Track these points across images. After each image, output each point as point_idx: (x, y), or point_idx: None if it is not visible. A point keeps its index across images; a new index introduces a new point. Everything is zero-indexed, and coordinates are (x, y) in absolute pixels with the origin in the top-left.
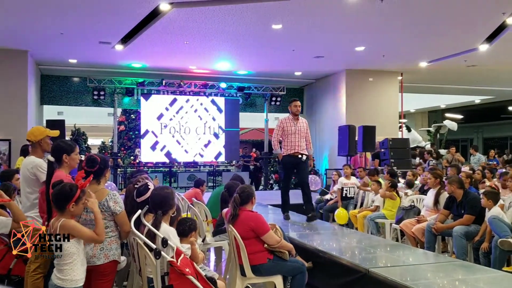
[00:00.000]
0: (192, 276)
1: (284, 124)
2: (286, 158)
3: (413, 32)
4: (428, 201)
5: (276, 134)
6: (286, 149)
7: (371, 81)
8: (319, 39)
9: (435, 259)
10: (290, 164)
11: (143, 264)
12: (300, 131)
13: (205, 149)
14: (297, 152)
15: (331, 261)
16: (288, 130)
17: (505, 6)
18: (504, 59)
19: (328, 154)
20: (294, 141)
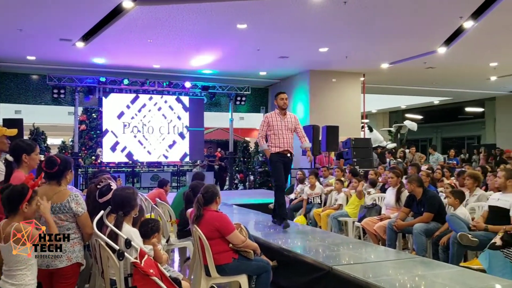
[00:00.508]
0: (156, 277)
1: (270, 119)
2: (275, 156)
3: (375, 34)
4: (389, 200)
5: (261, 130)
6: (273, 146)
7: (335, 82)
8: (283, 39)
9: (396, 256)
10: (279, 161)
11: (106, 265)
12: (287, 127)
13: (170, 150)
14: (286, 150)
15: (295, 259)
16: (275, 126)
17: (462, 11)
18: (461, 62)
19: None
20: (282, 137)
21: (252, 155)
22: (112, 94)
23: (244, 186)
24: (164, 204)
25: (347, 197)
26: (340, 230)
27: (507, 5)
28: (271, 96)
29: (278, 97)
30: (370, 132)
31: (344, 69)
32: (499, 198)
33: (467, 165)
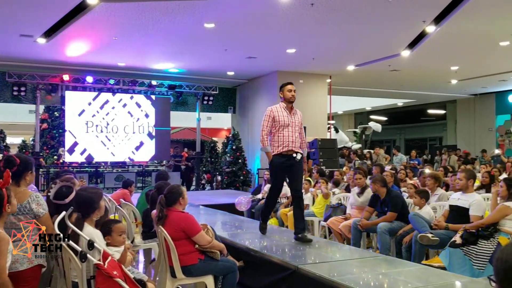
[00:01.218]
0: (120, 278)
1: (276, 113)
2: (277, 158)
3: (341, 36)
4: (354, 199)
5: (265, 126)
6: (276, 146)
7: (302, 83)
8: (251, 40)
9: (360, 255)
10: (282, 166)
11: (68, 268)
12: (294, 124)
13: (137, 152)
14: (291, 150)
15: (262, 259)
16: (280, 121)
17: (425, 15)
18: (424, 65)
19: (260, 154)
20: (288, 136)
21: (219, 155)
22: (75, 92)
23: (211, 186)
24: (129, 205)
25: (313, 197)
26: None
27: (467, 11)
28: (239, 96)
29: (285, 88)
30: (336, 133)
31: (311, 70)
32: (459, 197)
33: (429, 165)
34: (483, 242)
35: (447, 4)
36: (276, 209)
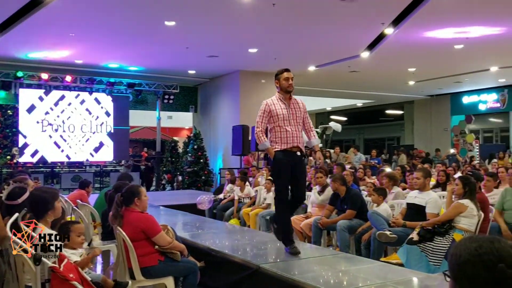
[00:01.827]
0: (77, 281)
1: (271, 106)
2: (280, 154)
3: (302, 37)
4: (314, 198)
5: (259, 122)
6: (276, 142)
7: (264, 83)
8: (213, 38)
9: (321, 253)
10: (287, 163)
11: (21, 271)
12: (295, 116)
13: (96, 154)
14: (295, 147)
15: (223, 259)
16: (278, 115)
17: (384, 17)
18: (383, 66)
19: (222, 154)
20: (290, 131)
21: (180, 155)
22: (29, 89)
23: (172, 186)
24: (86, 206)
25: None
26: (268, 229)
27: (424, 14)
28: (200, 95)
29: (281, 76)
30: None
31: (273, 70)
32: (416, 196)
33: (387, 164)
34: (439, 238)
35: (405, 7)
36: (239, 208)
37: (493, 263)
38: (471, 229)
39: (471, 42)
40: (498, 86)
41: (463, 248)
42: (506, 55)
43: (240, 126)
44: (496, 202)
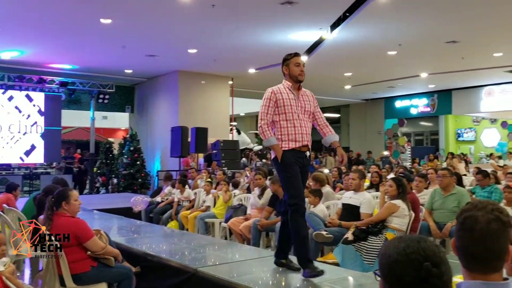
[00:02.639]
0: None
1: (278, 94)
2: (289, 154)
3: (241, 39)
4: (254, 200)
5: (265, 113)
6: (285, 140)
7: (204, 84)
8: (151, 37)
9: (260, 254)
10: (296, 163)
11: None
12: (304, 109)
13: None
14: (305, 146)
15: (160, 263)
16: (286, 107)
17: (322, 22)
18: (320, 71)
19: (160, 155)
20: (299, 125)
21: (116, 156)
22: None
23: (107, 190)
24: (14, 210)
25: (215, 199)
26: (206, 232)
27: (360, 20)
28: (137, 95)
29: (291, 62)
30: (239, 135)
31: (213, 71)
32: (351, 196)
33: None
34: (372, 238)
35: (342, 13)
36: (177, 211)
37: (420, 262)
38: (403, 228)
39: (404, 49)
40: (428, 92)
41: (392, 248)
42: (436, 62)
43: (179, 127)
44: (426, 202)
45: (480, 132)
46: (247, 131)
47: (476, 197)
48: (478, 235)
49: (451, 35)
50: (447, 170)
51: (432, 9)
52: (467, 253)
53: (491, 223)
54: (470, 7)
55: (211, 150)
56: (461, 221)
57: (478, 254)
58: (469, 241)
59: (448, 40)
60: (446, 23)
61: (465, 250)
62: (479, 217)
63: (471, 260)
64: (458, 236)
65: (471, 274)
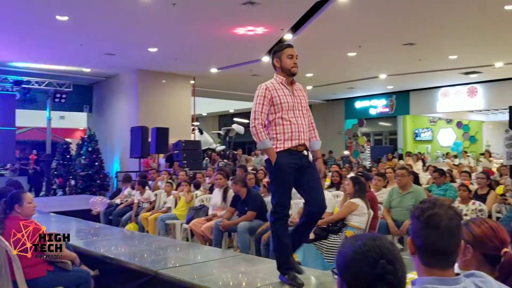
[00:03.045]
0: None
1: (273, 91)
2: (283, 157)
3: (203, 39)
4: (215, 200)
5: (258, 111)
6: (278, 139)
7: (165, 83)
8: (110, 36)
9: (222, 255)
10: (291, 168)
11: None
12: (301, 105)
13: None
14: (302, 145)
15: (119, 266)
16: (282, 103)
17: (283, 23)
18: None
19: (119, 156)
20: (295, 123)
21: (73, 157)
22: None
23: (64, 191)
24: None
25: (176, 200)
26: (167, 233)
27: (321, 22)
28: (96, 95)
29: (283, 53)
30: (201, 135)
31: (174, 71)
32: None
33: None
34: (333, 236)
35: (303, 14)
36: (137, 213)
37: (375, 260)
38: (362, 226)
39: (363, 50)
40: (387, 92)
41: (349, 246)
42: (394, 63)
43: (139, 128)
44: (384, 200)
45: (437, 132)
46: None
47: (433, 194)
48: (443, 231)
49: (409, 38)
50: (405, 169)
51: (390, 12)
52: (431, 250)
53: (453, 219)
54: (427, 11)
55: (172, 150)
56: (424, 219)
57: (442, 250)
58: (435, 238)
59: (405, 42)
60: (404, 26)
61: (429, 247)
62: (442, 215)
63: (434, 256)
64: (421, 234)
65: (430, 271)
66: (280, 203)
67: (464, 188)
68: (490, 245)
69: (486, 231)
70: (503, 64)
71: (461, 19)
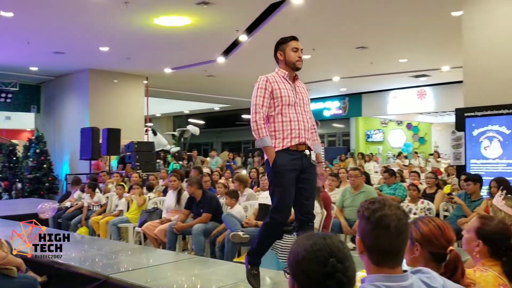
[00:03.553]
0: None
1: (274, 84)
2: (283, 157)
3: (156, 38)
4: (169, 202)
5: (259, 105)
6: (276, 137)
7: (117, 83)
8: (59, 34)
9: (176, 258)
10: (291, 170)
11: None
12: (303, 102)
13: None
14: (303, 144)
15: (68, 272)
16: (283, 98)
17: (239, 24)
18: (237, 72)
19: (69, 158)
20: (297, 120)
21: (20, 159)
22: None
23: (10, 195)
24: None
25: (128, 203)
26: (119, 237)
27: (275, 24)
28: (44, 95)
29: (287, 46)
30: (154, 136)
31: (126, 70)
32: (267, 196)
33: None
34: (287, 236)
35: (258, 15)
36: (88, 216)
37: (325, 258)
38: (315, 226)
39: (317, 53)
40: (340, 95)
41: (300, 245)
42: (347, 66)
43: (89, 129)
44: (337, 200)
45: (388, 134)
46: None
47: (384, 194)
48: (392, 232)
49: (361, 41)
50: (358, 170)
51: (343, 15)
52: (382, 250)
53: (401, 219)
54: (378, 15)
55: (124, 152)
56: (374, 220)
57: (391, 250)
58: (385, 238)
59: (358, 45)
60: (356, 29)
61: (380, 247)
62: (392, 215)
63: (384, 256)
64: (372, 235)
65: (380, 269)
66: (277, 209)
67: (414, 187)
68: (437, 244)
69: (433, 229)
70: (450, 68)
71: (410, 24)
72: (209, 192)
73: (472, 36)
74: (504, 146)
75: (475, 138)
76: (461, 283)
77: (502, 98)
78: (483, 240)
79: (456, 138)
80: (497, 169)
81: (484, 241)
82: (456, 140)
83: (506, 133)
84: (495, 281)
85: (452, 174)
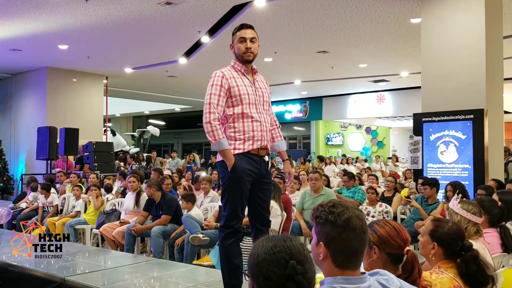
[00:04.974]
0: None
1: (232, 80)
2: (241, 161)
3: (117, 37)
4: (128, 204)
5: (214, 103)
6: (236, 139)
7: (75, 82)
8: (16, 30)
9: (134, 260)
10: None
11: None
12: (263, 99)
13: None
14: (263, 148)
15: (23, 274)
16: (242, 95)
17: (201, 26)
18: (199, 73)
19: (25, 158)
20: (257, 120)
21: None
22: None
23: None
24: None
25: (85, 204)
26: (76, 239)
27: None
28: (1, 92)
29: (236, 36)
30: (113, 136)
31: (86, 69)
32: None
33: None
34: (247, 239)
35: (220, 17)
36: (43, 217)
37: (286, 260)
38: (276, 228)
39: (279, 57)
40: (301, 98)
41: (260, 248)
42: (308, 70)
43: (46, 128)
44: (297, 202)
45: (347, 137)
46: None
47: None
48: (358, 232)
49: (322, 46)
50: (318, 173)
51: (304, 20)
52: (348, 252)
53: (362, 219)
54: (338, 21)
55: (82, 152)
56: (342, 223)
57: (357, 251)
58: (352, 240)
59: (319, 50)
60: (317, 34)
61: (348, 249)
62: (355, 217)
63: (351, 257)
64: (342, 238)
65: (343, 272)
66: (233, 215)
67: (372, 190)
68: (394, 245)
69: (389, 231)
70: (408, 73)
71: (370, 30)
72: (168, 194)
73: (430, 42)
74: (460, 151)
75: (432, 142)
76: (418, 282)
77: (458, 104)
78: (438, 242)
79: (414, 143)
80: (452, 174)
81: (438, 243)
82: (413, 145)
83: (462, 138)
84: (450, 283)
85: (410, 178)
